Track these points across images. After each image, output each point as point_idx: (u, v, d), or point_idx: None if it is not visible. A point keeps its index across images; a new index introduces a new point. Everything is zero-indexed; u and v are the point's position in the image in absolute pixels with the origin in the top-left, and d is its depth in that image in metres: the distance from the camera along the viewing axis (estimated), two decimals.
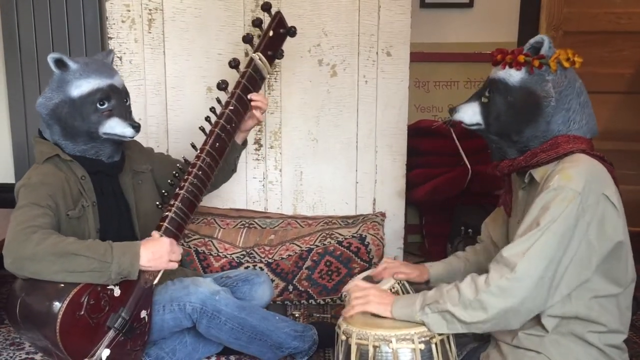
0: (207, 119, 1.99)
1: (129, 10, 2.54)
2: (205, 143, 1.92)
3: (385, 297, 1.57)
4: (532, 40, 1.50)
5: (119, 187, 1.92)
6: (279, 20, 2.07)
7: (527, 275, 1.35)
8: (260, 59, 2.01)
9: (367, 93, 2.66)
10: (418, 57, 3.07)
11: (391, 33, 2.60)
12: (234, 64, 2.02)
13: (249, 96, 1.99)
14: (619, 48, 3.29)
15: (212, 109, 2.00)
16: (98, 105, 1.78)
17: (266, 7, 2.07)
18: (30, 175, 1.77)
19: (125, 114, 1.83)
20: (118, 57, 2.56)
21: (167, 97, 2.62)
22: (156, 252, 1.72)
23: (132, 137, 1.85)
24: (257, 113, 2.04)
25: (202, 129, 1.98)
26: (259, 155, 2.69)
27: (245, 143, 2.16)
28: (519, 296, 1.36)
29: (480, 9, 3.28)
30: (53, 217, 1.70)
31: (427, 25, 3.20)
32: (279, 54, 2.10)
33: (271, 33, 2.04)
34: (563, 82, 1.48)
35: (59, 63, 1.78)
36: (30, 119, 3.02)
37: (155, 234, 1.78)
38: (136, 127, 1.82)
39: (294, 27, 2.09)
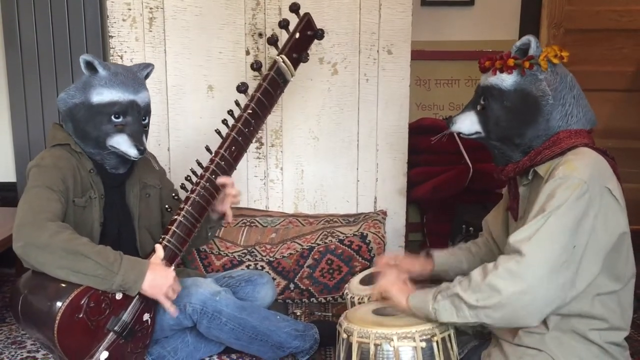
0: (224, 122, 1.92)
1: (130, 9, 2.55)
2: (220, 147, 1.88)
3: (407, 287, 1.59)
4: (518, 43, 1.52)
5: (124, 193, 1.91)
6: (306, 22, 2.00)
7: (535, 259, 1.34)
8: (284, 62, 1.94)
9: (368, 91, 2.66)
10: (419, 55, 3.07)
11: (392, 31, 2.60)
12: (256, 66, 1.95)
13: (218, 180, 1.87)
14: (620, 46, 3.29)
15: (230, 112, 1.93)
16: (113, 117, 1.76)
17: (294, 8, 1.98)
18: (44, 156, 1.76)
19: (138, 133, 1.80)
20: (119, 55, 2.57)
21: (168, 95, 2.62)
22: (158, 280, 1.69)
23: (136, 158, 1.82)
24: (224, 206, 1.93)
25: (218, 132, 1.92)
26: (260, 153, 2.69)
27: (222, 218, 2.02)
28: (528, 281, 1.33)
29: (481, 7, 3.28)
30: (64, 204, 1.70)
31: (428, 24, 3.20)
32: (304, 57, 2.02)
33: (297, 35, 1.97)
34: (555, 79, 1.49)
35: (89, 66, 1.77)
36: (32, 118, 3.02)
37: (158, 247, 1.77)
38: (141, 150, 1.78)
39: (322, 30, 2.03)
